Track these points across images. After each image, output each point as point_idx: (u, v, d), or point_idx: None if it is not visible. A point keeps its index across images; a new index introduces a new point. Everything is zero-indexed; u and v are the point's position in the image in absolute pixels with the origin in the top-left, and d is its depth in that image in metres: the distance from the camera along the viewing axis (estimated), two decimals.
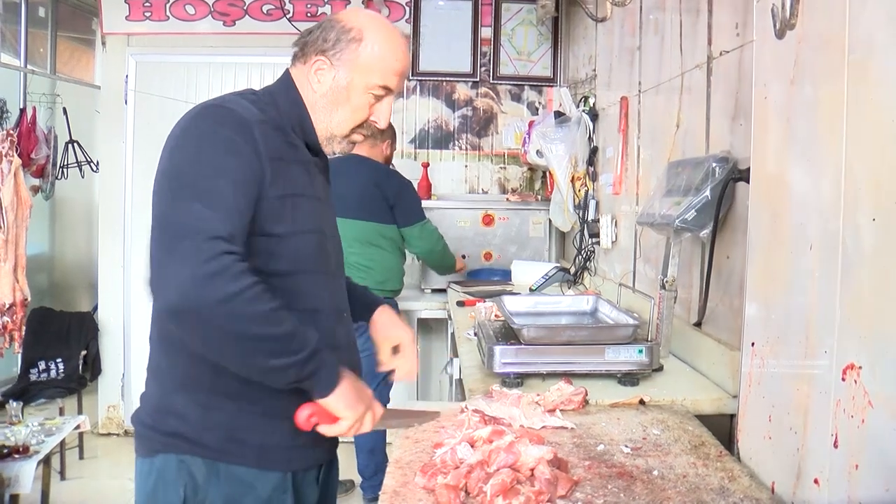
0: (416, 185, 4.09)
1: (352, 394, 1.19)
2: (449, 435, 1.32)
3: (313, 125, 1.31)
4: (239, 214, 1.13)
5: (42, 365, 4.22)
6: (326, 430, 1.20)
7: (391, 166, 3.56)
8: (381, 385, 3.32)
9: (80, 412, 3.97)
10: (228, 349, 1.11)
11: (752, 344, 1.42)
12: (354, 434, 1.22)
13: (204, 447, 1.22)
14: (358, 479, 3.41)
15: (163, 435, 1.24)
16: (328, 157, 1.40)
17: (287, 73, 1.34)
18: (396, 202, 3.24)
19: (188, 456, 1.22)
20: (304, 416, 1.18)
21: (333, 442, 1.33)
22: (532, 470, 1.18)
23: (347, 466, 3.33)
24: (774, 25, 1.26)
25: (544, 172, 4.08)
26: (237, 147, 1.16)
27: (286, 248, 1.23)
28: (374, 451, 3.27)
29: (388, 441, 3.34)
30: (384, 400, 3.32)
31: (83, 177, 4.86)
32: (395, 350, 1.49)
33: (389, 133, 3.43)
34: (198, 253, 1.06)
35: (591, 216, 3.23)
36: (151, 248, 1.10)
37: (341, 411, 1.18)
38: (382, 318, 1.52)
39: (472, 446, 1.26)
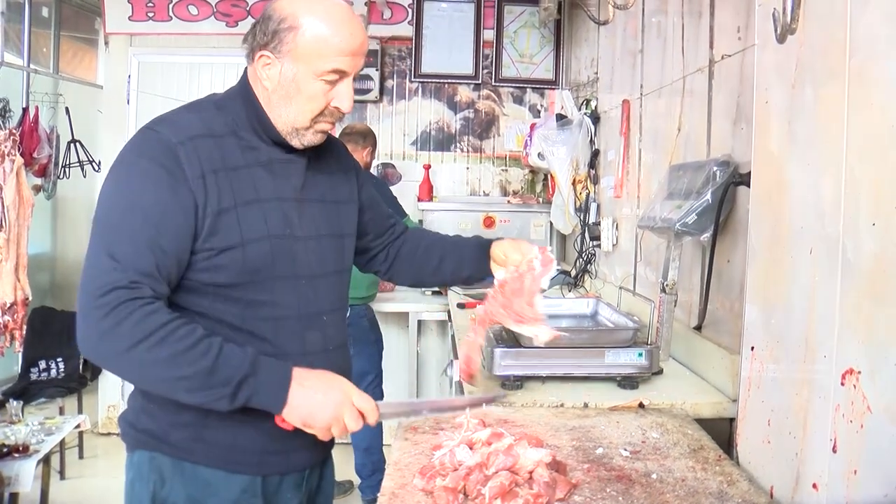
0: (417, 187, 4.12)
1: (306, 406, 1.15)
2: (448, 437, 1.32)
3: (272, 122, 1.26)
4: (152, 251, 1.13)
5: (42, 364, 4.22)
6: (310, 432, 1.18)
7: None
8: (373, 385, 3.30)
9: (80, 412, 3.98)
10: (151, 388, 1.17)
11: (752, 348, 1.42)
12: (343, 434, 1.19)
13: (170, 445, 1.24)
14: (357, 480, 3.41)
15: (138, 432, 1.27)
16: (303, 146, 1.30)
17: (244, 73, 1.30)
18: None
19: (157, 453, 1.25)
20: (278, 419, 1.17)
21: (321, 446, 1.30)
22: (531, 473, 1.18)
23: (347, 466, 3.34)
24: (775, 29, 1.26)
25: (546, 175, 4.08)
26: (156, 178, 1.15)
27: (234, 260, 1.20)
28: (370, 450, 3.26)
29: (386, 442, 3.34)
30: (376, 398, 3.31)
31: (85, 176, 4.86)
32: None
33: (371, 140, 3.41)
34: (98, 308, 1.09)
35: (592, 219, 3.23)
36: None
37: (299, 426, 1.16)
38: (497, 252, 1.45)
39: (470, 448, 1.26)
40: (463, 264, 1.53)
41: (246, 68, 1.30)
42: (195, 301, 1.21)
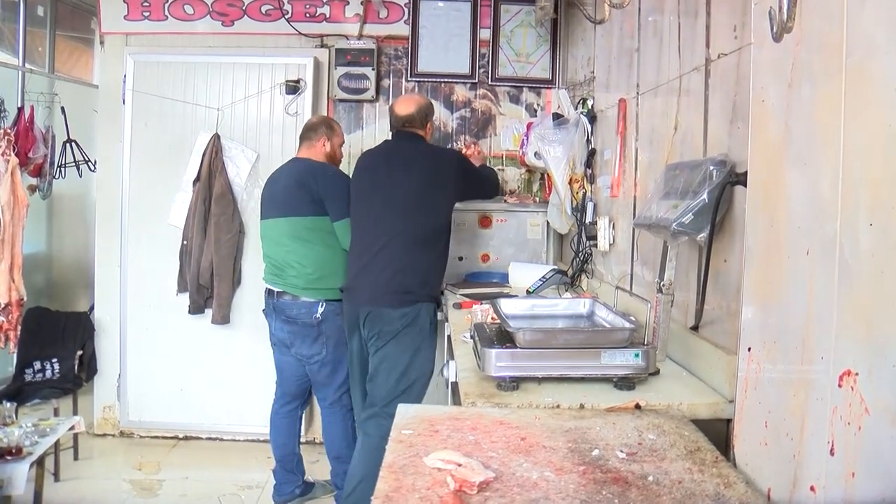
0: None
1: None
2: None
3: None
4: None
5: (37, 365, 4.18)
6: None
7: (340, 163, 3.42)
8: (346, 392, 3.15)
9: (75, 413, 3.94)
10: None
11: (749, 349, 1.41)
12: None
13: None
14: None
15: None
16: None
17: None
18: (325, 197, 3.10)
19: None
20: None
21: None
22: None
23: (322, 467, 3.31)
24: (772, 28, 1.25)
25: (542, 174, 4.07)
26: None
27: None
28: (340, 459, 3.20)
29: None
30: (338, 416, 3.21)
31: (81, 176, 4.84)
32: None
33: (323, 130, 3.30)
34: None
35: (588, 218, 3.21)
36: None
37: None
38: None
39: None
40: None
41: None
42: None
